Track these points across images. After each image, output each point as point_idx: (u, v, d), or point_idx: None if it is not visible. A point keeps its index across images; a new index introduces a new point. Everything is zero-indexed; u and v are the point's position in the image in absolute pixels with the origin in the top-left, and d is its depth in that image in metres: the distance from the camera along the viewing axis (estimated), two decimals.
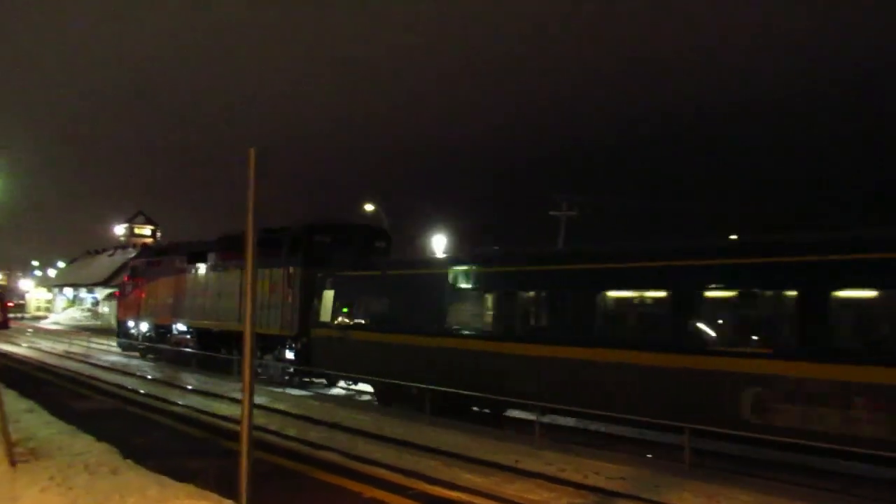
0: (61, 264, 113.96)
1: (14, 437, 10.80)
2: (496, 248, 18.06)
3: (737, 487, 10.91)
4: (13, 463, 10.07)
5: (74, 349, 37.65)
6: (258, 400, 16.92)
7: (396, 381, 17.28)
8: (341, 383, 21.10)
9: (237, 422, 14.81)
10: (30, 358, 32.25)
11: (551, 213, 37.93)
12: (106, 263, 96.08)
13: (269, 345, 22.47)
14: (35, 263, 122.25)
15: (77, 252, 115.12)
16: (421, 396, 16.54)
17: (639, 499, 10.28)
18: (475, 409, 16.52)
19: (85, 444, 11.72)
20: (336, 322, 19.82)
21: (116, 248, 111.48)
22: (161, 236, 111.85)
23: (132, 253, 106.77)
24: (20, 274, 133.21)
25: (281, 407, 17.94)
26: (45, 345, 40.86)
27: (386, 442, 14.01)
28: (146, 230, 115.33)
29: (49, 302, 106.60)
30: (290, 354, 22.01)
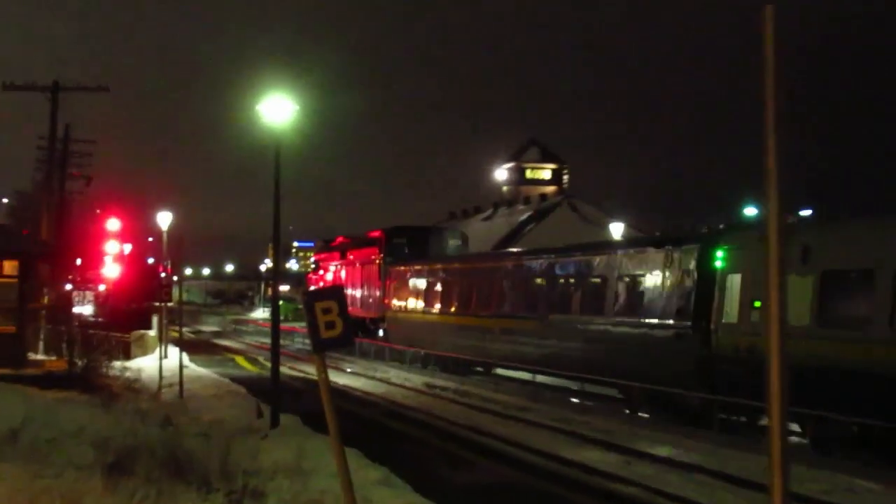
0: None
1: None
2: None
3: None
4: None
5: (438, 381, 41.01)
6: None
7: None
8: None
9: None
10: (374, 395, 35.75)
11: None
12: (480, 231, 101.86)
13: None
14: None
15: (440, 215, 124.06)
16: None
17: None
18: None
19: None
20: (393, 306, 53.01)
21: (496, 204, 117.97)
22: (568, 181, 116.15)
23: (521, 211, 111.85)
24: None
25: None
26: (395, 373, 45.06)
27: None
28: (545, 172, 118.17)
29: None
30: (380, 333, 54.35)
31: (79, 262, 51.93)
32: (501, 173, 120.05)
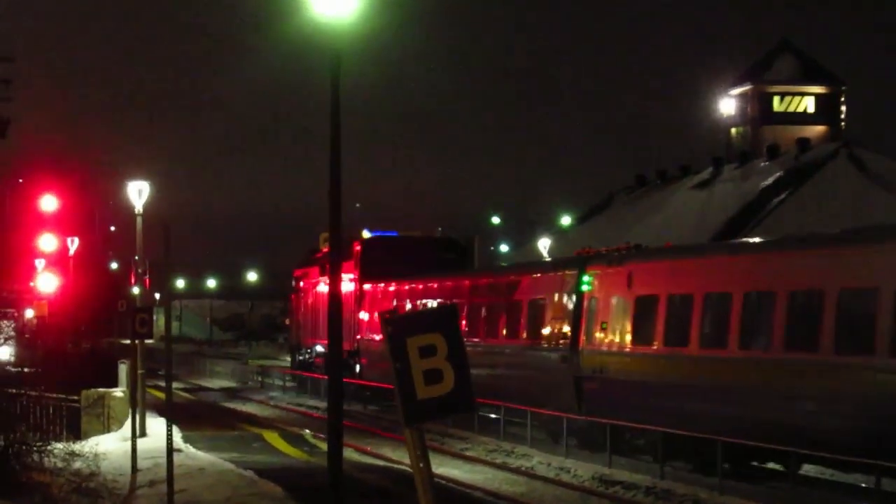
0: (567, 220, 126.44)
1: None
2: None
3: None
4: None
5: (619, 473, 41.79)
6: None
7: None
8: None
9: None
10: (509, 499, 37.67)
11: None
12: (693, 204, 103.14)
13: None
14: (566, 220, 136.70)
15: (623, 181, 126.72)
16: None
17: None
18: None
19: None
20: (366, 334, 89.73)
21: (717, 161, 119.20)
22: (846, 117, 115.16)
23: (764, 170, 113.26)
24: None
25: None
26: (542, 458, 46.10)
27: None
28: (806, 100, 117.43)
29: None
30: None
31: None
32: (728, 105, 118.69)
